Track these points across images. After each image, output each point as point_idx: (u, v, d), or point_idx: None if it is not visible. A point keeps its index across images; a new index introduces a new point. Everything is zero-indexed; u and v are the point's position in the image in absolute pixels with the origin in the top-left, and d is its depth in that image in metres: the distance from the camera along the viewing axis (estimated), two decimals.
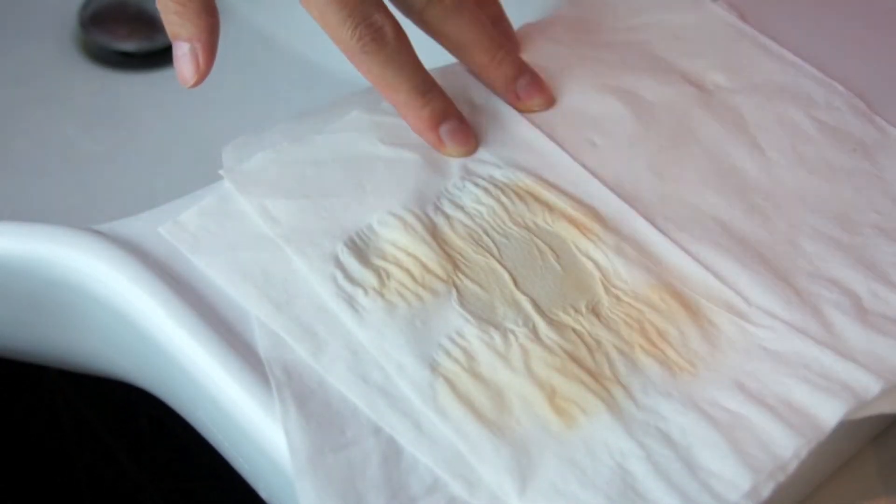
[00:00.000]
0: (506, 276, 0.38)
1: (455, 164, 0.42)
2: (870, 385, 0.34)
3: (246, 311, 0.37)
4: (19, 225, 0.40)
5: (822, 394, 0.34)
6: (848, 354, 0.36)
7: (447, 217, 0.40)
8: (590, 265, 0.38)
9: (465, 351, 0.35)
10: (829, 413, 0.34)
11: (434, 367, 0.35)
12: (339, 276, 0.37)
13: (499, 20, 0.46)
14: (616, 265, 0.38)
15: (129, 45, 0.62)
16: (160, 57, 0.62)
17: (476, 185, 0.41)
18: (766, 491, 0.32)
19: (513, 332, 0.36)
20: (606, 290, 0.37)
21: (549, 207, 0.40)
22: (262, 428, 0.35)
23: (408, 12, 0.43)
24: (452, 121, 0.42)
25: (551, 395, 0.34)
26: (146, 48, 0.62)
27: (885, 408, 0.35)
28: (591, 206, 0.40)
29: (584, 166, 0.42)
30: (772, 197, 0.41)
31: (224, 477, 0.42)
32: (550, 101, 0.44)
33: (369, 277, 0.37)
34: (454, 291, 0.37)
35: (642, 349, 0.36)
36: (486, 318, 0.36)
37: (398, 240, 0.38)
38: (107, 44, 0.62)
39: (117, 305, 0.38)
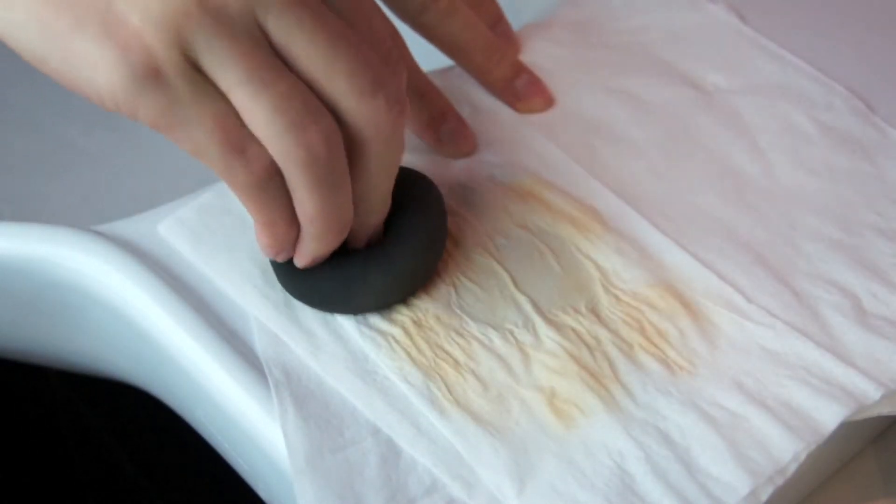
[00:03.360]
0: (505, 276, 0.38)
1: (455, 165, 0.42)
2: (869, 391, 0.34)
3: (245, 312, 0.37)
4: (19, 225, 0.40)
5: (822, 397, 0.34)
6: (847, 358, 0.35)
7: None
8: (589, 265, 0.38)
9: (463, 351, 0.35)
10: (829, 416, 0.34)
11: (433, 367, 0.35)
12: None
13: (497, 21, 0.46)
14: (615, 265, 0.38)
15: None
16: None
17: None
18: (765, 495, 0.32)
19: (512, 332, 0.36)
20: (606, 289, 0.37)
21: (549, 208, 0.40)
22: (261, 428, 0.35)
23: (403, 17, 0.43)
24: (452, 122, 0.42)
25: (550, 396, 0.34)
26: None
27: (885, 410, 0.35)
28: (590, 206, 0.40)
29: (584, 167, 0.42)
30: (771, 197, 0.41)
31: (224, 477, 0.42)
32: (549, 102, 0.44)
33: None
34: (453, 292, 0.37)
35: (642, 348, 0.36)
36: (485, 319, 0.36)
37: None
38: None
39: (117, 306, 0.38)
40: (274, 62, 0.30)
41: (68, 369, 0.49)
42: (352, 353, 0.35)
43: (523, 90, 0.44)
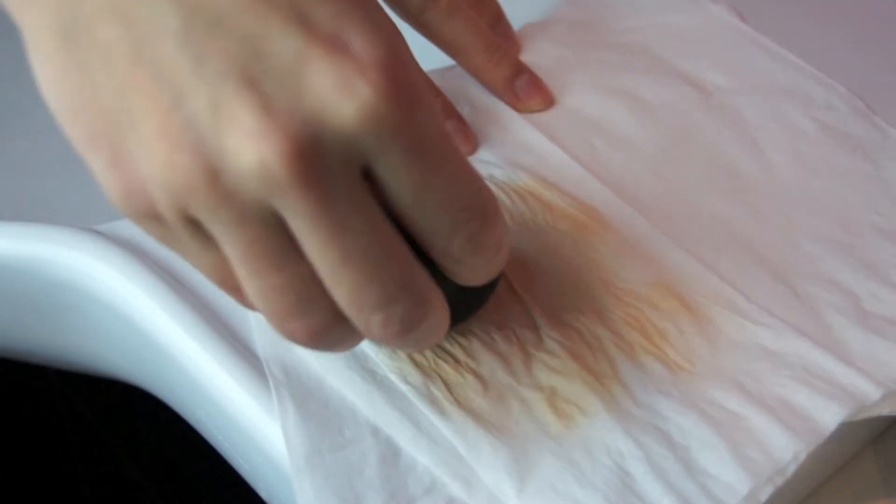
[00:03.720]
0: (506, 275, 0.38)
1: None
2: (869, 391, 0.34)
3: (245, 311, 0.37)
4: (19, 225, 0.40)
5: (822, 397, 0.34)
6: (847, 358, 0.35)
7: None
8: (590, 265, 0.38)
9: (464, 350, 0.35)
10: (829, 416, 0.34)
11: (433, 367, 0.35)
12: None
13: (497, 21, 0.46)
14: (616, 265, 0.38)
15: None
16: None
17: None
18: (765, 495, 0.32)
19: (513, 331, 0.36)
20: (606, 289, 0.37)
21: (550, 207, 0.40)
22: (261, 428, 0.35)
23: (405, 16, 0.43)
24: (452, 121, 0.42)
25: (551, 396, 0.34)
26: None
27: (885, 410, 0.34)
28: (591, 205, 0.40)
29: (584, 166, 0.42)
30: (771, 197, 0.41)
31: (224, 477, 0.42)
32: (550, 102, 0.44)
33: None
34: None
35: (642, 348, 0.36)
36: (485, 319, 0.36)
37: None
38: None
39: (117, 305, 0.38)
40: (277, 249, 0.27)
41: (68, 369, 0.49)
42: (352, 352, 0.35)
43: (523, 89, 0.44)
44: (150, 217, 0.27)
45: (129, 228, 0.39)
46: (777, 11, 0.50)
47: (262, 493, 0.38)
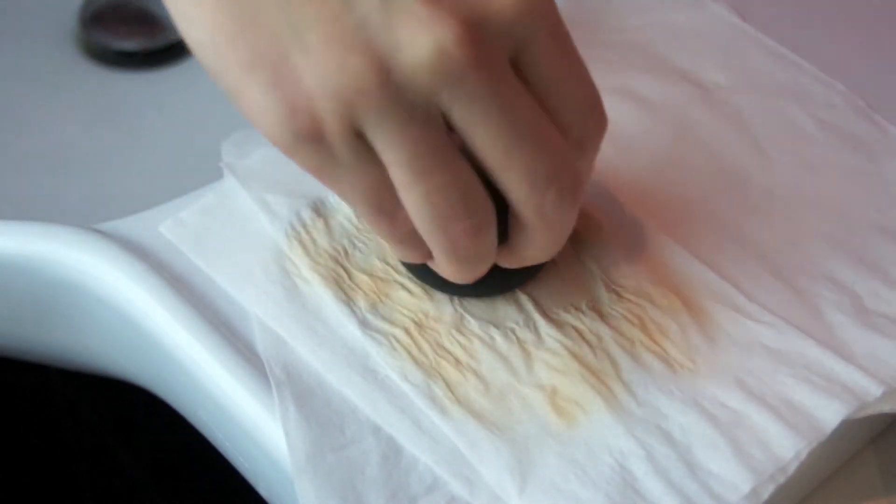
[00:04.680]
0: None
1: None
2: (870, 389, 0.34)
3: (246, 310, 0.37)
4: (19, 224, 0.40)
5: (823, 395, 0.34)
6: (848, 356, 0.35)
7: None
8: (591, 263, 0.38)
9: (465, 350, 0.35)
10: (830, 414, 0.34)
11: (434, 367, 0.35)
12: (342, 277, 0.37)
13: None
14: (617, 262, 0.38)
15: (130, 45, 0.62)
16: (160, 56, 0.62)
17: None
18: (766, 493, 0.32)
19: (513, 331, 0.36)
20: (607, 287, 0.37)
21: None
22: (262, 427, 0.35)
23: None
24: None
25: (552, 395, 0.34)
26: (147, 47, 0.62)
27: (886, 407, 0.35)
28: (591, 203, 0.40)
29: None
30: (771, 195, 0.41)
31: (224, 476, 0.42)
32: None
33: (370, 279, 0.37)
34: None
35: (643, 346, 0.36)
36: (486, 318, 0.36)
37: None
38: (107, 43, 0.62)
39: (118, 305, 0.38)
40: (442, 147, 0.29)
41: (69, 368, 0.49)
42: (353, 351, 0.35)
43: None
44: (311, 137, 0.28)
45: (130, 227, 0.40)
46: (777, 10, 0.50)
47: (263, 493, 0.38)
